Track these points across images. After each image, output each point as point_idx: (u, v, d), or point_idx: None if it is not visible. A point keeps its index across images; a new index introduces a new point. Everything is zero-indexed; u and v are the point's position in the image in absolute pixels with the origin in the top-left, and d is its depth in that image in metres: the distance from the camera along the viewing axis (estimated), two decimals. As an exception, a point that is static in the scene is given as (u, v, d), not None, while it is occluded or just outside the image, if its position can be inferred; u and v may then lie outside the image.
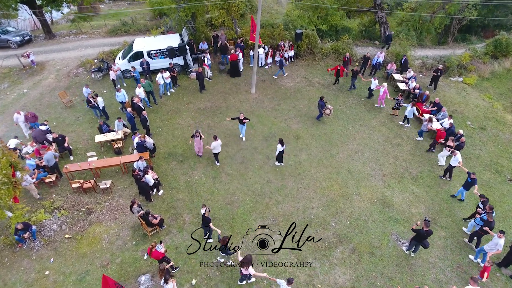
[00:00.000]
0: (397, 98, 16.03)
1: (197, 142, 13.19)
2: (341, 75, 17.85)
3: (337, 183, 12.79)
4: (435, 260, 10.29)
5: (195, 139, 13.07)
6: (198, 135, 12.90)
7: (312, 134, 15.02)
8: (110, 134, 14.08)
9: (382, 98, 16.52)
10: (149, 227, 10.60)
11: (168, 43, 17.32)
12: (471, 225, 10.86)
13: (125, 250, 10.50)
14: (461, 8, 23.54)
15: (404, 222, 11.41)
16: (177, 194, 12.31)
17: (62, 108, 16.75)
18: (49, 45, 22.57)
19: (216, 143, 12.59)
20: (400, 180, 13.01)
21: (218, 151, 12.96)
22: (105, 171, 13.35)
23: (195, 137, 12.96)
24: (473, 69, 20.14)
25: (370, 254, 10.41)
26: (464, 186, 11.83)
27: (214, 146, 12.61)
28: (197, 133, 12.89)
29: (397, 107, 16.04)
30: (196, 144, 13.30)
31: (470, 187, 11.63)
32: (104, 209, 11.85)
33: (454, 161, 12.43)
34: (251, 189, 12.48)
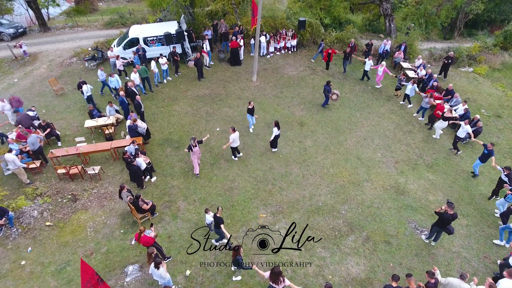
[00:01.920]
0: (399, 77, 15.34)
1: (196, 153, 10.73)
2: (330, 60, 17.06)
3: (346, 169, 11.76)
4: (459, 249, 9.19)
5: (193, 150, 10.51)
6: (195, 144, 10.51)
7: (318, 121, 14.06)
8: (101, 119, 13.13)
9: (380, 79, 15.93)
10: (139, 213, 9.53)
11: (165, 30, 16.54)
12: (500, 204, 9.81)
13: (112, 239, 9.41)
14: (467, 1, 22.93)
15: (421, 210, 10.34)
16: (171, 181, 11.28)
17: (52, 96, 15.85)
18: (43, 37, 21.84)
19: (235, 135, 11.14)
20: (414, 167, 11.98)
21: (237, 144, 11.50)
22: (95, 157, 12.35)
23: (192, 148, 10.45)
24: (483, 60, 19.33)
25: (386, 243, 9.31)
26: (481, 158, 11.04)
27: (233, 138, 11.09)
28: (193, 142, 10.44)
29: (399, 87, 15.37)
30: (196, 156, 10.83)
31: (487, 159, 10.87)
32: (91, 196, 10.81)
33: (462, 132, 11.94)
34: (252, 176, 11.45)
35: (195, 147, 10.51)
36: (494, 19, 25.79)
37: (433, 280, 7.07)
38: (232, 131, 11.15)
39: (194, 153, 10.62)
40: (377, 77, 15.96)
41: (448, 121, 12.78)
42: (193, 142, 10.42)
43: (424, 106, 13.92)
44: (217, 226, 8.52)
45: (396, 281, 6.97)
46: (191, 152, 10.55)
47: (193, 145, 10.42)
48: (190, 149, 10.50)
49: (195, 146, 10.50)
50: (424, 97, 13.74)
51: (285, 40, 18.58)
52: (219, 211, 8.59)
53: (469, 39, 23.94)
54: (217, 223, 8.51)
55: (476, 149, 12.86)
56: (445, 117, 12.69)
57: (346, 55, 16.65)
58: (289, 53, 19.05)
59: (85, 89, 13.82)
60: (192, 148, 10.44)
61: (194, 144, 10.44)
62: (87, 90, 13.84)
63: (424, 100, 13.76)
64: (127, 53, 16.71)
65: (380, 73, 15.59)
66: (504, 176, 9.94)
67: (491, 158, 10.62)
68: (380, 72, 15.59)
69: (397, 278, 7.00)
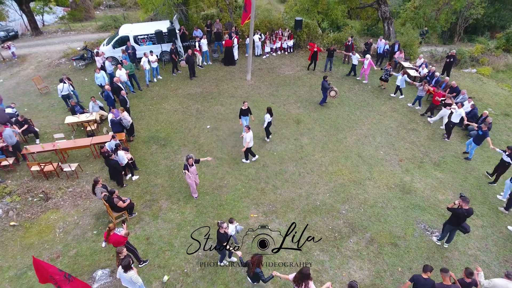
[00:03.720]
0: (386, 68, 14.79)
1: (193, 173, 9.06)
2: (316, 58, 16.40)
3: (346, 167, 10.79)
4: (476, 252, 8.10)
5: (190, 170, 8.85)
6: (192, 163, 8.89)
7: (315, 119, 13.19)
8: (83, 115, 12.27)
9: (366, 72, 15.45)
10: (115, 212, 8.51)
11: (157, 28, 15.94)
12: (508, 187, 9.05)
13: (83, 241, 8.34)
14: (467, 5, 22.58)
15: (430, 210, 9.30)
16: (155, 179, 10.29)
17: (36, 95, 15.08)
18: (35, 41, 21.36)
19: (250, 135, 10.04)
20: (420, 165, 11.01)
21: (252, 145, 10.45)
22: (74, 154, 11.41)
23: (189, 167, 8.79)
24: (486, 62, 18.70)
25: (393, 245, 8.23)
26: (475, 140, 10.71)
27: (250, 138, 10.04)
28: (189, 160, 8.78)
29: (385, 78, 14.83)
30: (192, 177, 9.04)
31: (481, 141, 10.64)
32: (66, 195, 9.80)
33: (456, 117, 11.48)
34: (243, 174, 10.47)
35: (191, 167, 8.89)
36: (494, 24, 25.40)
37: (469, 280, 6.03)
38: (247, 130, 9.99)
39: (191, 173, 8.94)
40: (362, 69, 15.59)
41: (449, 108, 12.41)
42: (189, 161, 8.76)
43: (420, 94, 13.60)
44: (220, 243, 6.98)
45: (427, 272, 6.01)
46: (186, 173, 8.85)
47: (189, 164, 8.77)
48: (186, 169, 8.78)
49: (191, 166, 8.86)
50: (419, 86, 13.48)
51: (281, 40, 17.98)
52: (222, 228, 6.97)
53: (470, 44, 23.43)
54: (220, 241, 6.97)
55: (486, 147, 11.90)
56: (446, 104, 12.39)
57: (330, 53, 16.10)
58: (285, 54, 18.41)
59: (60, 87, 12.99)
60: (188, 167, 8.80)
61: (190, 164, 8.79)
62: (61, 88, 12.98)
63: (419, 88, 13.49)
64: (116, 52, 16.04)
65: (366, 66, 15.22)
66: (506, 156, 9.51)
67: (487, 140, 10.38)
68: (365, 65, 15.23)
69: (430, 269, 6.02)
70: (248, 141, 10.12)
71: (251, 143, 10.32)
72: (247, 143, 10.16)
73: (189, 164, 8.78)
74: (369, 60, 14.97)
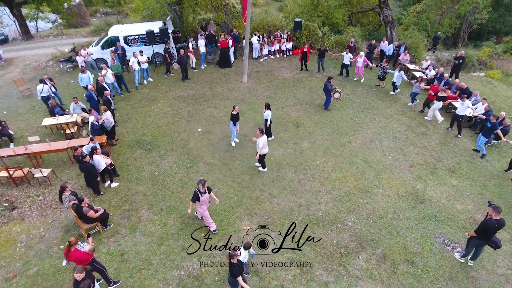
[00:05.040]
0: (382, 65, 14.12)
1: (205, 202, 7.33)
2: (307, 59, 15.59)
3: (351, 174, 9.67)
4: (506, 271, 6.90)
5: (201, 200, 7.17)
6: (205, 190, 7.18)
7: (316, 122, 12.15)
8: (62, 117, 11.25)
9: (361, 71, 14.84)
10: (85, 223, 7.36)
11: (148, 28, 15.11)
12: None
13: (47, 257, 7.17)
14: (471, 10, 21.89)
15: (449, 221, 8.14)
16: (136, 187, 9.17)
17: (18, 98, 14.13)
18: (24, 44, 20.61)
19: (264, 139, 8.79)
20: (433, 171, 9.90)
21: (267, 150, 9.23)
22: (50, 159, 10.34)
23: (200, 195, 7.11)
24: (494, 66, 17.84)
25: (409, 263, 7.04)
26: (484, 133, 10.30)
27: (263, 142, 8.75)
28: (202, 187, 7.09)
29: (383, 77, 14.27)
30: (205, 207, 7.41)
31: (490, 133, 10.21)
32: (35, 204, 8.66)
33: (463, 109, 11.13)
34: (236, 180, 9.35)
35: (203, 195, 7.19)
36: (499, 30, 24.67)
37: None
38: (260, 133, 8.75)
39: (203, 202, 7.27)
40: (356, 68, 14.94)
41: (443, 101, 12.04)
42: (202, 187, 7.07)
43: (415, 91, 13.14)
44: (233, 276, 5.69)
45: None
46: (197, 203, 7.28)
47: (201, 191, 7.12)
48: (197, 199, 7.14)
49: (204, 193, 7.18)
50: (415, 83, 13.09)
51: (279, 42, 17.15)
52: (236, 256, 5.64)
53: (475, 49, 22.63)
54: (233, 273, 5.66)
55: (504, 152, 10.89)
56: (440, 97, 11.95)
57: (320, 53, 15.30)
58: (284, 56, 17.54)
59: (39, 88, 12.02)
60: (199, 196, 7.11)
61: (203, 191, 7.15)
62: (41, 89, 12.01)
63: (414, 85, 13.07)
64: (105, 53, 15.16)
65: (360, 64, 14.54)
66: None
67: (498, 133, 9.98)
68: (359, 63, 14.61)
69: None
70: (261, 146, 8.79)
71: (265, 149, 9.06)
72: (260, 149, 8.84)
73: (201, 192, 7.11)
74: (363, 57, 14.31)
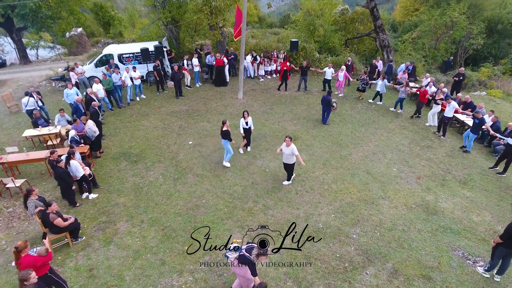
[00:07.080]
0: (361, 78, 14.00)
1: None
2: (288, 78, 15.18)
3: (353, 185, 8.84)
4: (541, 289, 5.86)
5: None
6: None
7: (314, 136, 11.52)
8: (45, 128, 10.63)
9: (342, 85, 14.68)
10: (52, 233, 6.42)
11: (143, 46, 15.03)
12: None
13: (3, 273, 6.16)
14: (466, 35, 22.22)
15: (466, 233, 7.19)
16: (117, 198, 8.30)
17: (5, 114, 13.64)
18: (21, 68, 20.61)
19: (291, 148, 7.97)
20: (443, 183, 9.07)
21: (293, 161, 8.37)
22: (28, 171, 9.56)
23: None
24: (494, 86, 17.63)
25: (425, 278, 6.01)
26: (472, 130, 10.35)
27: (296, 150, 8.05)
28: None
29: (362, 88, 14.14)
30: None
31: (478, 130, 10.34)
32: (2, 216, 7.75)
33: (449, 111, 11.06)
34: (227, 192, 8.50)
35: None
36: (495, 55, 24.94)
37: None
38: (289, 140, 7.92)
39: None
40: (337, 82, 14.73)
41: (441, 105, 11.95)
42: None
43: (401, 96, 13.14)
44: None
45: None
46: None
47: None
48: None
49: None
50: (400, 88, 13.07)
51: (276, 63, 17.05)
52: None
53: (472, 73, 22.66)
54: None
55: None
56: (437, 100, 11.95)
57: (303, 70, 14.80)
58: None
59: (24, 101, 11.52)
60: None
61: None
62: (26, 102, 11.52)
63: (400, 90, 13.04)
64: (98, 72, 14.92)
65: (341, 78, 14.35)
66: None
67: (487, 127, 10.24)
68: (340, 78, 14.35)
69: None
70: (297, 154, 8.02)
71: (292, 159, 8.28)
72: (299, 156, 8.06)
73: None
74: (343, 71, 14.09)
